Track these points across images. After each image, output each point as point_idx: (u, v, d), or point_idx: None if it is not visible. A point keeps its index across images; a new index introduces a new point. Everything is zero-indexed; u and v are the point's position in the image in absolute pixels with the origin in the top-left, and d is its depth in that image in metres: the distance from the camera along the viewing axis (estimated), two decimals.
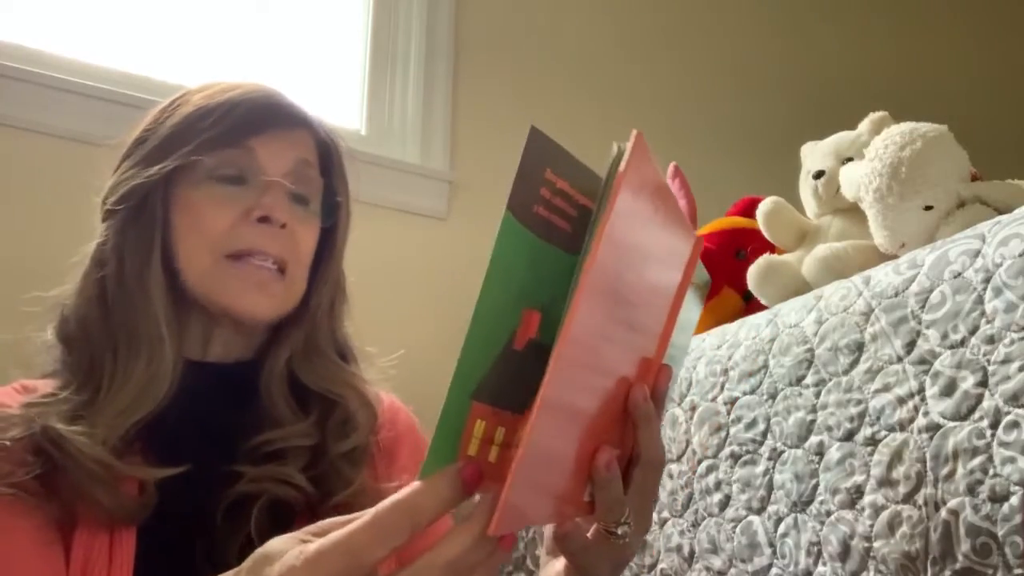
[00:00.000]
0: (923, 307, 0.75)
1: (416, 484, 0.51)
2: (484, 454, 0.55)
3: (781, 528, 0.83)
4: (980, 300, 0.70)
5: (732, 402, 0.93)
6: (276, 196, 0.84)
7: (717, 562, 0.90)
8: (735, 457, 0.91)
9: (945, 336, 0.73)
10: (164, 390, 0.79)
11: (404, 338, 1.64)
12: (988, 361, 0.68)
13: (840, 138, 1.19)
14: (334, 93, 1.78)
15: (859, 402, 0.79)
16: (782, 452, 0.85)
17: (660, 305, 0.62)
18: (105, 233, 0.85)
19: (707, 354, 1.00)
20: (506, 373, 0.55)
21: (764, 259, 1.15)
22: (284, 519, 0.77)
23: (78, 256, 0.87)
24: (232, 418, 0.83)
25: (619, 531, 0.62)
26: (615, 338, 0.56)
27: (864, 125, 1.17)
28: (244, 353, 0.88)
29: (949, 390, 0.71)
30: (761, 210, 1.20)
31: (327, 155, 0.92)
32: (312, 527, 0.51)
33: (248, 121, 0.84)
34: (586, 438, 0.55)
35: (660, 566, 0.97)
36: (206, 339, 0.86)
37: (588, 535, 0.64)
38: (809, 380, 0.85)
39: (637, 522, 0.63)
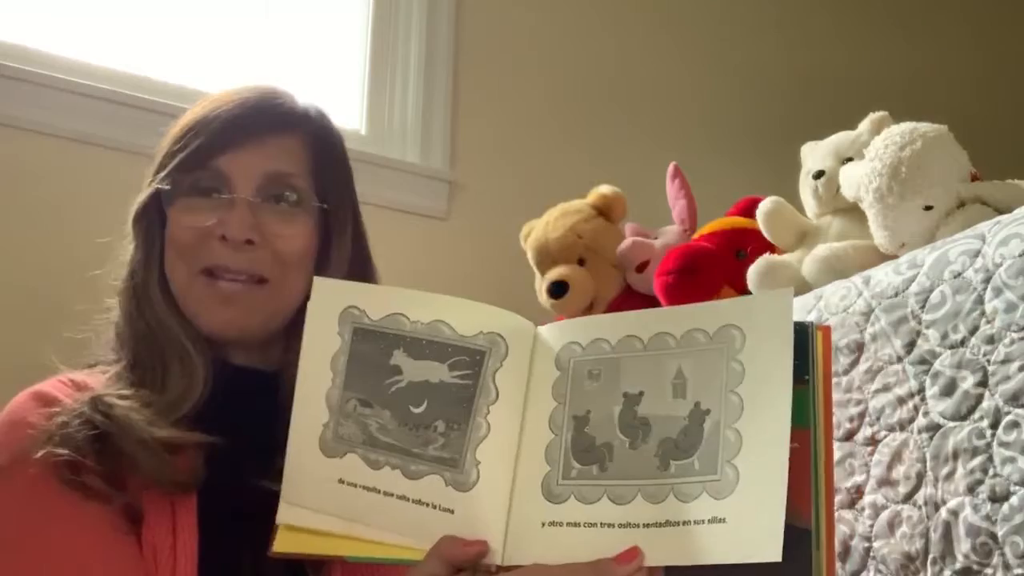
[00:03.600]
0: (923, 307, 0.75)
1: None
2: None
3: None
4: (980, 300, 0.70)
5: None
6: (239, 213, 0.83)
7: None
8: None
9: (945, 336, 0.73)
10: (200, 393, 0.81)
11: None
12: (988, 361, 0.68)
13: (840, 138, 1.19)
14: (334, 93, 1.78)
15: (859, 402, 0.79)
16: None
17: None
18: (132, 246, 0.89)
19: None
20: None
21: (764, 259, 1.15)
22: None
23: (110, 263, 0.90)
24: (265, 428, 0.81)
25: None
26: None
27: (864, 125, 1.17)
28: (265, 362, 0.88)
29: (949, 390, 0.71)
30: (761, 210, 1.20)
31: (318, 155, 0.90)
32: None
33: (214, 142, 0.85)
34: None
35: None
36: (224, 347, 0.87)
37: None
38: None
39: None
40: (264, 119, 0.87)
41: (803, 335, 0.62)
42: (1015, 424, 0.65)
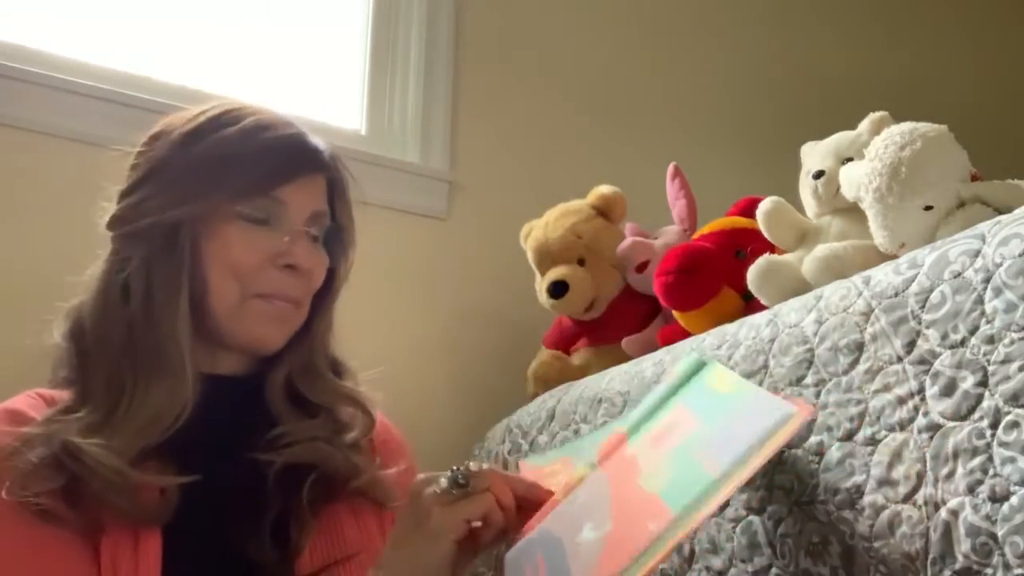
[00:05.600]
0: (923, 307, 0.75)
1: None
2: None
3: (781, 528, 0.83)
4: (980, 300, 0.70)
5: None
6: (303, 244, 0.91)
7: (717, 562, 0.90)
8: None
9: (945, 336, 0.73)
10: (180, 411, 0.84)
11: (403, 339, 1.64)
12: (988, 361, 0.69)
13: (840, 138, 1.19)
14: (334, 93, 1.79)
15: (859, 402, 0.79)
16: (782, 452, 0.85)
17: None
18: (125, 258, 0.88)
19: (707, 354, 1.00)
20: None
21: (764, 259, 1.15)
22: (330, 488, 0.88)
23: (92, 268, 0.90)
24: (246, 421, 0.90)
25: None
26: None
27: (864, 125, 1.17)
28: (248, 368, 0.95)
29: (949, 390, 0.71)
30: (761, 210, 1.20)
31: (335, 193, 0.98)
32: None
33: (277, 171, 0.90)
34: None
35: (660, 566, 0.97)
36: (213, 356, 0.93)
37: None
38: (809, 380, 0.85)
39: None
40: (314, 157, 0.94)
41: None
42: (1015, 424, 0.65)
